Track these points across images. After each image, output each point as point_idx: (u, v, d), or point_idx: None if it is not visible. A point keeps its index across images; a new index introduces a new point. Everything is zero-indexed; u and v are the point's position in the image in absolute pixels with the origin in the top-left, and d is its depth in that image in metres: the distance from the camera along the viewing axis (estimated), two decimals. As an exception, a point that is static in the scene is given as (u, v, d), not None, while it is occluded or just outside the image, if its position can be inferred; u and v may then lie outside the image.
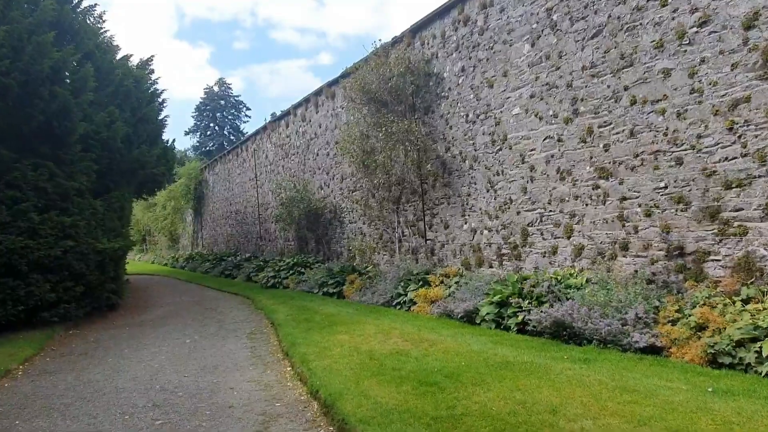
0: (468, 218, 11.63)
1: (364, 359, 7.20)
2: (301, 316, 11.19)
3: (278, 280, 17.55)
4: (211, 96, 67.09)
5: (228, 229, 29.48)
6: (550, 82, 9.47)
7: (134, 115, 15.48)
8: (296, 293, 15.61)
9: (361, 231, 15.90)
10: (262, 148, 23.86)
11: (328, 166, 17.80)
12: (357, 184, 15.97)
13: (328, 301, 13.51)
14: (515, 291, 8.37)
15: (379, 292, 12.22)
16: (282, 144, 21.63)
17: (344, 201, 16.81)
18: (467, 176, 11.61)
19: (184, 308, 15.22)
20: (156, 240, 48.26)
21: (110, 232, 14.28)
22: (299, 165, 20.00)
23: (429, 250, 12.88)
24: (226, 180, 29.58)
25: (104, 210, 14.03)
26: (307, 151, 19.31)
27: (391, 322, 9.59)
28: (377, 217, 14.95)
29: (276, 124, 22.22)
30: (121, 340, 10.84)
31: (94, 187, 13.79)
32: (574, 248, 9.11)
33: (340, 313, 11.14)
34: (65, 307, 12.33)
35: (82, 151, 13.17)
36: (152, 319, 13.45)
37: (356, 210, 16.08)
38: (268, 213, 23.20)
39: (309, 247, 19.43)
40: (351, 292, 13.57)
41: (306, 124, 19.35)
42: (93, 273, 13.16)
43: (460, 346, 7.43)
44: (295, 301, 13.91)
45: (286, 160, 21.29)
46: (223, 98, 67.75)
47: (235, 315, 13.34)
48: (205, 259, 29.51)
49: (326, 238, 18.08)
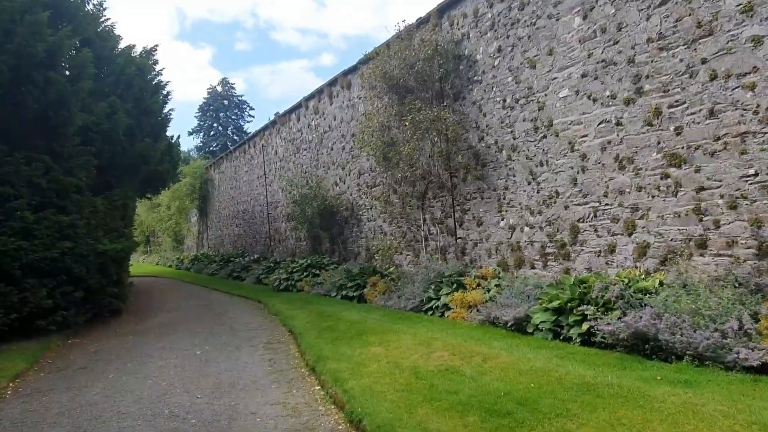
0: (505, 214, 10.53)
1: (409, 378, 6.11)
2: (322, 324, 10.11)
3: (291, 282, 16.48)
4: (214, 96, 66.23)
5: (235, 229, 28.44)
6: (607, 58, 8.36)
7: (137, 106, 14.43)
8: (312, 297, 14.54)
9: (381, 229, 14.82)
10: (271, 143, 22.80)
11: (343, 160, 16.72)
12: (376, 180, 14.89)
13: (349, 305, 12.42)
14: (575, 296, 7.27)
15: (406, 295, 11.13)
16: (293, 139, 20.56)
17: (362, 197, 15.73)
18: (504, 168, 10.52)
19: (191, 313, 14.16)
20: (160, 241, 47.29)
21: (112, 232, 13.23)
22: (312, 160, 18.93)
23: (459, 249, 11.78)
24: (233, 178, 28.54)
25: (105, 208, 12.99)
26: (321, 146, 18.23)
27: (428, 331, 8.50)
28: (399, 214, 13.86)
29: (286, 118, 21.15)
30: (124, 350, 9.78)
31: (95, 184, 12.74)
32: (637, 246, 8.00)
33: (366, 320, 10.06)
34: (63, 314, 11.28)
35: (80, 144, 12.12)
36: (158, 326, 12.40)
37: (375, 207, 15.00)
38: (278, 212, 22.14)
39: (323, 248, 18.35)
40: (374, 295, 12.49)
41: (319, 117, 18.27)
42: (93, 276, 12.12)
43: (519, 362, 6.34)
44: (313, 305, 12.83)
45: (297, 156, 20.22)
46: (227, 98, 66.85)
47: (247, 321, 12.28)
48: (212, 260, 28.47)
49: (342, 238, 17.00)
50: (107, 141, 12.81)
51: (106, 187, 13.43)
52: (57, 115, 11.01)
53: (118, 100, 12.96)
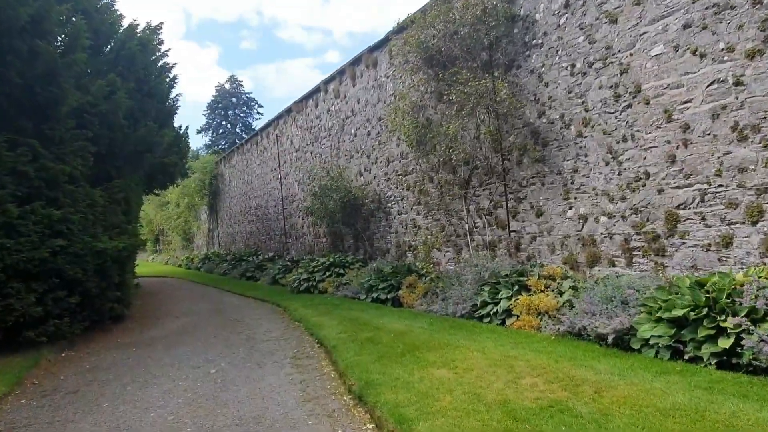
0: (574, 202, 8.84)
1: (504, 421, 4.45)
2: (360, 334, 8.48)
3: (312, 283, 14.87)
4: (222, 94, 65.54)
5: (247, 227, 26.91)
6: (721, 2, 6.64)
7: (140, 87, 12.85)
8: (338, 300, 12.91)
9: (414, 223, 13.16)
10: (286, 133, 21.19)
11: (369, 147, 15.07)
12: (409, 167, 13.23)
13: (384, 310, 10.78)
14: (701, 302, 5.58)
15: (453, 299, 9.48)
16: (310, 127, 18.94)
17: (391, 188, 14.08)
18: (573, 146, 8.82)
19: (203, 319, 12.60)
20: (170, 240, 45.96)
21: (112, 228, 11.68)
22: (332, 149, 17.29)
23: (513, 244, 10.11)
24: (245, 172, 26.99)
25: (105, 202, 11.43)
26: (342, 133, 16.60)
27: (497, 346, 6.84)
28: (437, 205, 12.20)
29: (302, 105, 19.53)
30: (124, 368, 8.22)
31: (92, 174, 11.19)
32: (765, 238, 6.30)
33: (412, 330, 8.41)
34: (56, 324, 9.73)
35: (75, 128, 10.57)
36: (165, 336, 10.84)
37: (408, 198, 13.34)
38: (294, 206, 20.55)
39: (345, 244, 16.73)
40: (411, 298, 10.85)
41: (340, 101, 16.63)
42: (91, 279, 10.57)
43: (650, 396, 4.66)
44: (341, 310, 11.21)
45: (315, 145, 18.59)
46: (235, 95, 66.17)
47: (267, 329, 10.69)
48: (223, 259, 26.97)
49: (367, 233, 15.37)
50: (106, 125, 11.24)
51: (105, 177, 11.88)
52: (45, 92, 9.45)
53: (117, 78, 11.39)
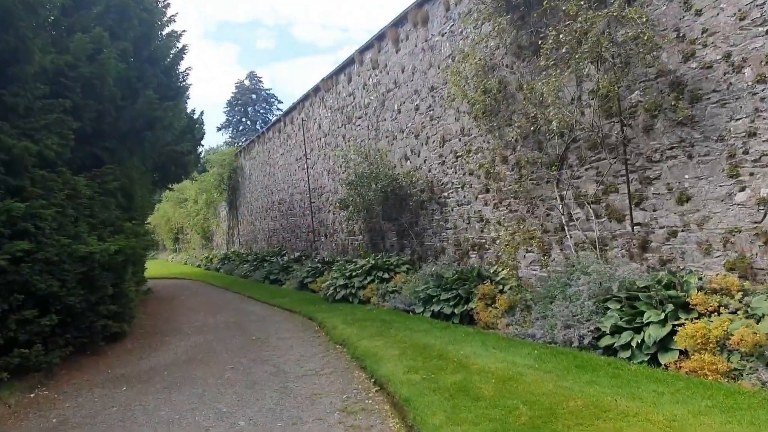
0: (747, 180, 6.06)
1: None
2: (441, 376, 5.83)
3: (351, 290, 12.26)
4: (242, 90, 64.79)
5: (269, 223, 24.46)
6: None
7: (138, 50, 10.35)
8: (387, 313, 10.27)
9: (480, 216, 10.45)
10: (313, 116, 18.60)
11: (417, 125, 12.38)
12: (473, 145, 10.52)
13: (457, 332, 8.08)
14: None
15: (560, 319, 6.77)
16: (342, 106, 16.31)
17: (448, 173, 11.38)
18: (747, 99, 6.03)
19: (219, 338, 10.08)
20: (188, 239, 43.92)
21: (103, 226, 9.23)
22: (369, 131, 14.65)
23: (636, 242, 7.34)
24: (266, 164, 24.52)
25: (92, 192, 8.98)
26: (382, 110, 13.93)
27: (692, 414, 4.12)
28: (514, 192, 9.48)
29: (332, 81, 16.90)
30: (103, 426, 5.70)
31: (74, 157, 8.76)
32: None
33: (518, 372, 5.72)
34: (22, 354, 7.31)
35: (48, 96, 8.11)
36: (169, 365, 8.34)
37: (471, 185, 10.64)
38: (324, 199, 17.97)
39: (386, 243, 14.09)
40: (490, 315, 8.17)
41: (379, 72, 13.97)
42: (73, 292, 8.14)
43: None
44: (397, 329, 8.58)
45: (348, 127, 15.97)
46: (255, 92, 65.46)
47: (301, 356, 8.12)
48: (244, 259, 24.58)
49: (416, 229, 12.70)
50: (91, 94, 8.77)
51: (93, 161, 9.43)
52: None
53: (105, 33, 8.88)
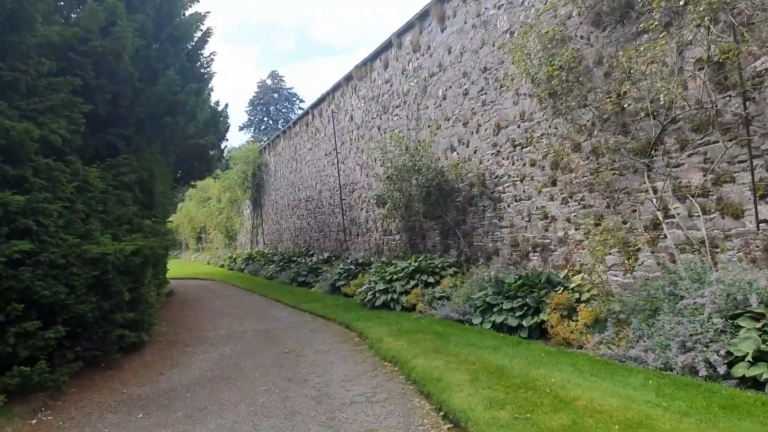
0: None
1: None
2: (547, 420, 4.51)
3: (392, 296, 11.01)
4: (264, 90, 65.10)
5: (296, 222, 23.36)
6: None
7: (158, 27, 9.24)
8: (438, 323, 8.98)
9: (544, 212, 9.11)
10: (344, 107, 17.41)
11: (466, 112, 11.08)
12: (535, 132, 9.19)
13: (533, 350, 6.75)
14: None
15: (675, 340, 5.41)
16: (377, 95, 15.08)
17: (503, 164, 10.06)
18: None
19: (247, 352, 8.93)
20: (211, 238, 43.22)
21: (119, 224, 8.14)
22: (409, 120, 13.38)
23: (764, 244, 5.94)
24: (292, 159, 23.43)
25: (106, 185, 7.89)
26: (424, 97, 12.65)
27: None
28: (589, 184, 8.13)
29: (366, 69, 15.68)
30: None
31: (85, 146, 7.67)
32: None
33: (644, 414, 4.38)
34: (24, 372, 6.24)
35: (55, 74, 7.03)
36: (192, 385, 7.20)
37: (533, 177, 9.30)
38: (356, 196, 16.77)
39: (428, 243, 12.81)
40: (569, 330, 6.85)
41: (421, 56, 12.69)
42: (84, 299, 7.05)
43: None
44: (456, 345, 7.29)
45: (384, 118, 14.73)
46: (276, 91, 65.75)
47: (345, 376, 6.91)
48: (269, 260, 23.55)
49: (463, 228, 11.40)
50: (105, 72, 7.68)
51: (107, 151, 8.35)
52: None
53: (121, 3, 7.78)
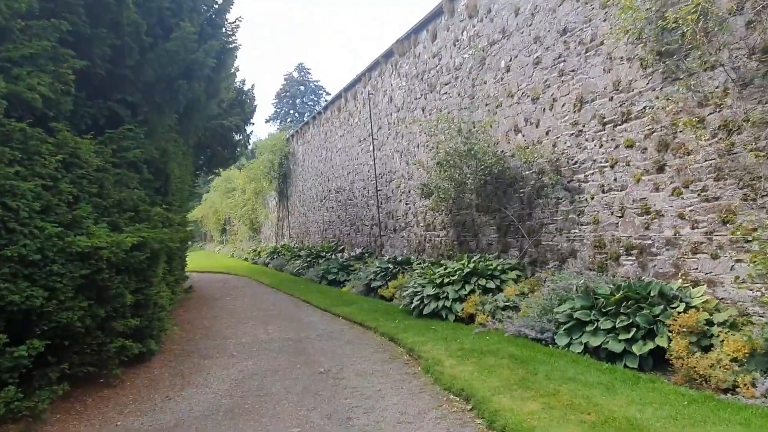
0: None
1: None
2: None
3: (444, 302, 9.27)
4: (290, 82, 64.68)
5: (324, 215, 21.80)
6: None
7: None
8: (510, 342, 7.20)
9: (644, 205, 7.26)
10: (382, 88, 15.69)
11: (537, 85, 9.26)
12: (634, 105, 7.34)
13: (666, 391, 4.93)
14: None
15: None
16: (422, 72, 13.32)
17: (587, 146, 8.23)
18: None
19: (273, 370, 7.31)
20: (235, 230, 42.08)
21: (120, 211, 6.59)
22: (461, 98, 11.60)
23: None
24: (322, 147, 21.83)
25: (103, 162, 6.33)
26: (481, 70, 10.86)
27: None
28: (715, 170, 6.27)
29: (408, 43, 13.92)
30: None
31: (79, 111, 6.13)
32: None
33: None
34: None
35: (37, 16, 5.47)
36: (202, 416, 5.62)
37: (630, 161, 7.46)
38: (394, 186, 15.07)
39: (482, 241, 11.05)
40: (704, 364, 5.04)
41: (478, 22, 10.89)
42: (70, 305, 5.52)
43: None
44: (546, 376, 5.55)
45: (430, 97, 12.97)
46: (303, 84, 65.18)
47: (400, 413, 5.27)
48: (295, 254, 22.04)
49: (528, 224, 9.61)
50: (102, 19, 6.10)
51: (109, 122, 6.79)
52: None
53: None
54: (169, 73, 6.95)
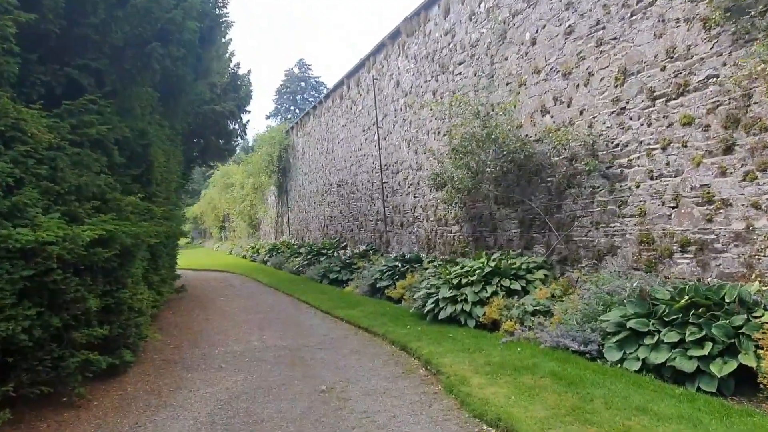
0: None
1: None
2: None
3: (462, 306, 8.13)
4: (291, 78, 64.28)
5: (326, 210, 20.67)
6: None
7: None
8: (546, 355, 6.04)
9: (707, 193, 6.11)
10: (388, 72, 14.54)
11: (569, 58, 8.10)
12: (693, 75, 6.18)
13: (761, 426, 3.87)
14: None
15: None
16: (433, 52, 12.17)
17: (632, 126, 7.08)
18: None
19: (267, 388, 6.17)
20: (234, 226, 41.00)
21: (79, 198, 5.46)
22: (478, 78, 10.45)
23: None
24: (323, 139, 20.68)
25: (59, 138, 5.20)
26: (502, 45, 9.71)
27: None
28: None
29: (418, 21, 12.76)
30: None
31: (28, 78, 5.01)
32: None
33: None
34: None
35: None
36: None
37: (687, 142, 6.31)
38: (401, 178, 13.94)
39: (501, 236, 9.91)
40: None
41: (498, -10, 9.74)
42: (11, 313, 4.41)
43: None
44: (605, 403, 4.42)
45: (441, 79, 11.82)
46: (303, 80, 64.81)
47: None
48: (295, 251, 20.93)
49: (557, 217, 8.47)
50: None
51: (68, 90, 5.66)
52: None
53: None
54: (140, 34, 5.80)
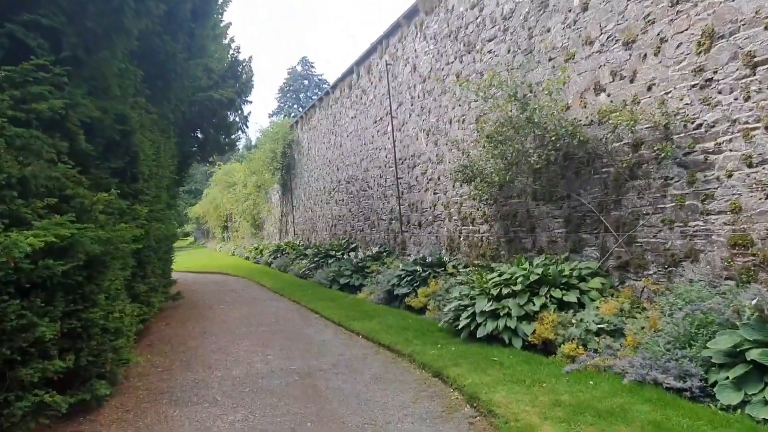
0: None
1: None
2: None
3: (505, 322, 6.78)
4: (294, 76, 64.00)
5: (333, 209, 19.35)
6: None
7: None
8: (636, 393, 4.68)
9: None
10: (404, 55, 13.18)
11: (634, 23, 6.74)
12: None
13: None
14: None
15: None
16: (456, 29, 10.81)
17: (720, 103, 5.73)
18: None
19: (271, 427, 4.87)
20: (236, 226, 39.75)
21: (25, 195, 4.15)
22: (513, 55, 9.08)
23: None
24: (330, 133, 19.35)
25: None
26: (543, 14, 8.35)
27: None
28: None
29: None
30: None
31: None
32: None
33: None
34: None
35: None
36: None
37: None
38: (418, 172, 12.60)
39: (540, 238, 8.57)
40: None
41: (538, -49, 8.37)
42: None
43: None
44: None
45: (467, 59, 10.47)
46: (307, 78, 64.40)
47: None
48: (301, 253, 19.64)
49: (614, 215, 7.12)
50: None
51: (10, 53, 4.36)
52: None
53: None
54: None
